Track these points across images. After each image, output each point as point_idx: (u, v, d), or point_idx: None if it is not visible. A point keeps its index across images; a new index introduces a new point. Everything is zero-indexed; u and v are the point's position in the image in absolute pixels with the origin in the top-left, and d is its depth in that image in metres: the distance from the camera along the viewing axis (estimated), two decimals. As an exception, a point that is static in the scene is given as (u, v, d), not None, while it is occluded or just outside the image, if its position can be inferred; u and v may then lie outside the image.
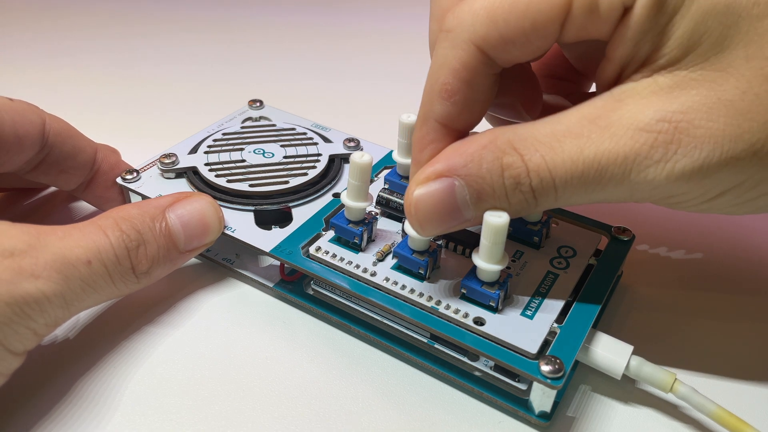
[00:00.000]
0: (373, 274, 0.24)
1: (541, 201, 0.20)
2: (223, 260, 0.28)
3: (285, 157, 0.30)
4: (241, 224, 0.27)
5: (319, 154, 0.31)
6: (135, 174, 0.29)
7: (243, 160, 0.30)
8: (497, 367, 0.23)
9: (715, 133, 0.18)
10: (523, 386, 0.23)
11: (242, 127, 0.33)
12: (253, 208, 0.27)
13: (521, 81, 0.24)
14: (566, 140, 0.19)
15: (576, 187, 0.20)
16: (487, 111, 0.21)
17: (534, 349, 0.21)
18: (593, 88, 0.27)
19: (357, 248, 0.25)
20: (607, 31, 0.19)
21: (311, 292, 0.26)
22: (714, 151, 0.18)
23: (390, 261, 0.25)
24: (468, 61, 0.20)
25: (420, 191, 0.21)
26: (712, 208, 0.20)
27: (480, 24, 0.19)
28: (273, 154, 0.30)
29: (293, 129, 0.33)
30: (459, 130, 0.21)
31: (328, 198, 0.29)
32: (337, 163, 0.31)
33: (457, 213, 0.21)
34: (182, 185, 0.29)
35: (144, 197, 0.28)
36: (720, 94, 0.18)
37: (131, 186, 0.28)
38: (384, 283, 0.24)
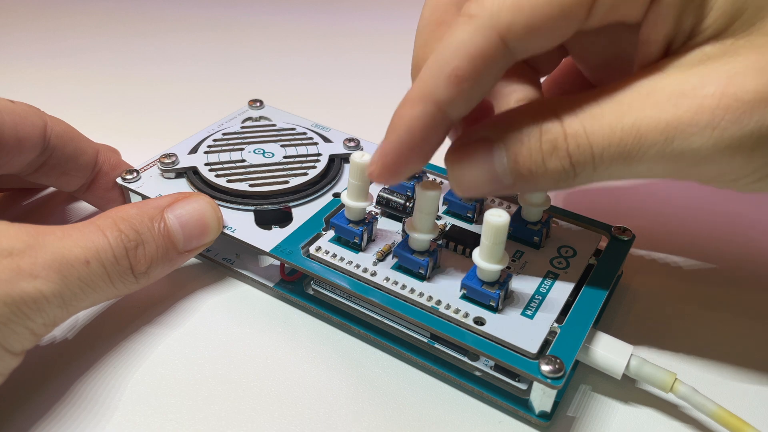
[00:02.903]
0: (374, 274, 0.24)
1: (579, 170, 0.20)
2: (223, 260, 0.28)
3: (285, 157, 0.30)
4: (241, 224, 0.27)
5: (319, 154, 0.31)
6: (135, 174, 0.29)
7: (243, 160, 0.30)
8: (497, 367, 0.23)
9: (766, 97, 0.17)
10: (523, 386, 0.23)
11: (242, 127, 0.33)
12: (253, 208, 0.27)
13: None
14: (607, 108, 0.19)
15: (615, 156, 0.19)
16: (479, 102, 0.21)
17: (534, 348, 0.21)
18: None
19: (357, 248, 0.25)
20: (637, 11, 0.19)
21: (311, 292, 0.26)
22: (765, 116, 0.17)
23: (390, 261, 0.25)
24: (487, 50, 0.19)
25: (458, 153, 0.21)
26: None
27: (505, 11, 0.18)
28: (273, 154, 0.30)
29: (293, 129, 0.33)
30: (450, 120, 0.20)
31: (328, 198, 0.29)
32: (337, 163, 0.31)
33: (493, 176, 0.21)
34: (182, 185, 0.29)
35: (144, 197, 0.28)
36: None
37: (131, 186, 0.28)
38: (384, 283, 0.24)
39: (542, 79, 0.26)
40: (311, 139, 0.32)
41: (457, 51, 0.19)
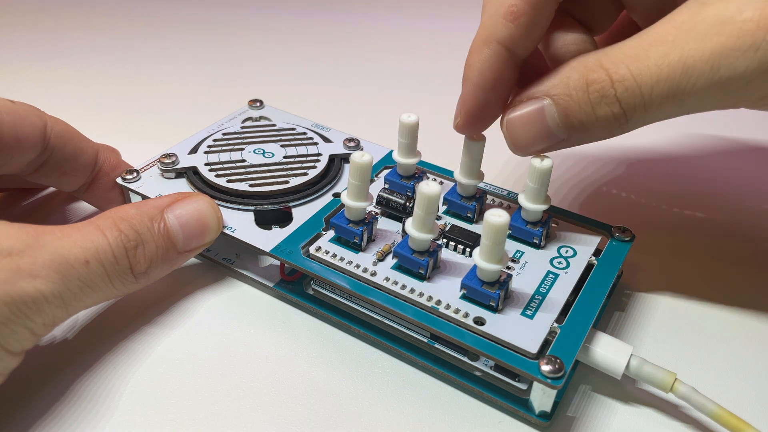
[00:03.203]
0: (374, 274, 0.24)
1: (630, 114, 0.20)
2: (223, 260, 0.28)
3: (285, 157, 0.30)
4: (241, 224, 0.27)
5: (319, 154, 0.31)
6: (135, 174, 0.29)
7: (243, 160, 0.30)
8: (497, 367, 0.23)
9: None
10: (523, 386, 0.23)
11: (242, 127, 0.33)
12: (253, 208, 0.27)
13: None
14: (651, 48, 0.20)
15: (664, 93, 0.20)
16: (542, 38, 0.22)
17: (534, 348, 0.21)
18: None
19: (357, 248, 0.25)
20: None
21: (311, 292, 0.26)
22: None
23: (390, 261, 0.25)
24: None
25: (511, 114, 0.22)
26: None
27: None
28: (273, 154, 0.30)
29: (293, 129, 0.33)
30: (517, 57, 0.22)
31: (328, 198, 0.29)
32: (337, 163, 0.31)
33: (547, 132, 0.22)
34: (182, 185, 0.29)
35: (144, 197, 0.28)
36: None
37: (131, 186, 0.28)
38: (384, 283, 0.24)
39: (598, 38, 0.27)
40: (311, 139, 0.32)
41: None
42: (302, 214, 0.27)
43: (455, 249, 0.25)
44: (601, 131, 0.21)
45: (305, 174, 0.29)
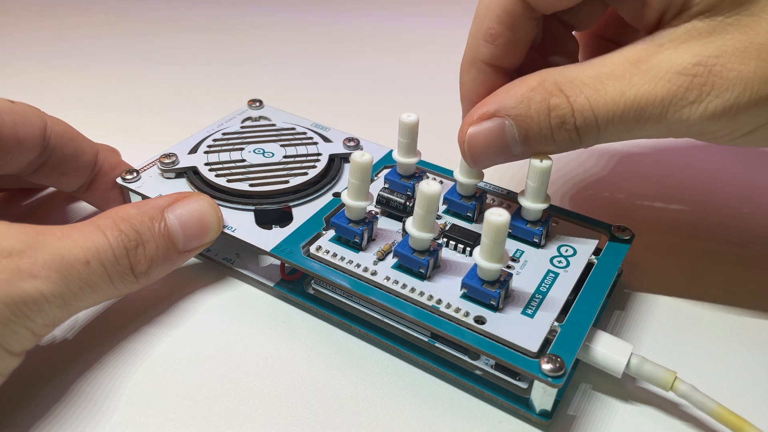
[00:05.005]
0: (374, 274, 0.24)
1: (584, 138, 0.22)
2: (224, 260, 0.28)
3: (285, 157, 0.30)
4: (242, 224, 0.27)
5: (319, 154, 0.31)
6: (135, 174, 0.29)
7: (243, 160, 0.30)
8: (498, 366, 0.23)
9: (746, 76, 0.20)
10: (523, 385, 0.22)
11: (242, 127, 0.33)
12: (253, 207, 0.27)
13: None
14: (609, 82, 0.21)
15: (617, 125, 0.21)
16: (528, 51, 0.24)
17: (535, 347, 0.21)
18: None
19: (357, 247, 0.25)
20: None
21: (312, 292, 0.26)
22: (744, 92, 0.20)
23: (390, 260, 0.25)
24: (509, 8, 0.22)
25: (473, 129, 0.23)
26: (747, 143, 0.22)
27: None
28: (273, 154, 0.30)
29: (293, 129, 0.33)
30: (504, 69, 0.24)
31: (328, 197, 0.29)
32: (337, 162, 0.31)
33: (506, 149, 0.23)
34: (182, 185, 0.29)
35: (144, 197, 0.28)
36: (752, 38, 0.20)
37: (131, 186, 0.28)
38: (385, 282, 0.24)
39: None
40: (311, 138, 0.32)
41: (486, 13, 0.22)
42: (302, 213, 0.27)
43: (455, 248, 0.25)
44: (556, 150, 0.23)
45: (305, 174, 0.29)
